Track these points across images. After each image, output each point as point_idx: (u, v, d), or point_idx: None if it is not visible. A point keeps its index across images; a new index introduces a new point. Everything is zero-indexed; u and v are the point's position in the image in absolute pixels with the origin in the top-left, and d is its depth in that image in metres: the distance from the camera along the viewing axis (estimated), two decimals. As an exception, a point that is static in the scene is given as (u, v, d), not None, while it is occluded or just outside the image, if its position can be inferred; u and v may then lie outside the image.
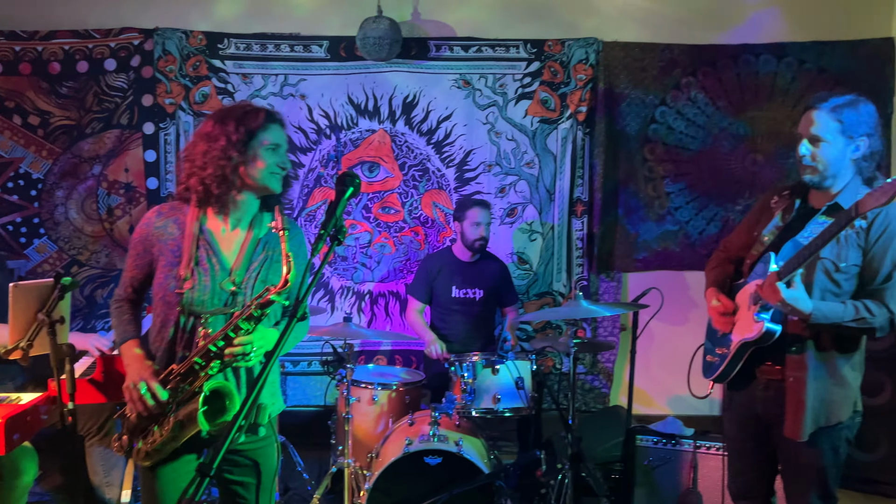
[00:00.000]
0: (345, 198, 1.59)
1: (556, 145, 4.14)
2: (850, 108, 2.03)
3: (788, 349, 2.13)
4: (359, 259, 4.16)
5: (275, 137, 1.88)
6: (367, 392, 3.24)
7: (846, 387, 2.13)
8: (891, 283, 2.03)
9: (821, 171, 2.07)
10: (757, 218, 2.34)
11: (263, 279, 1.88)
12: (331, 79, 4.06)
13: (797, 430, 2.12)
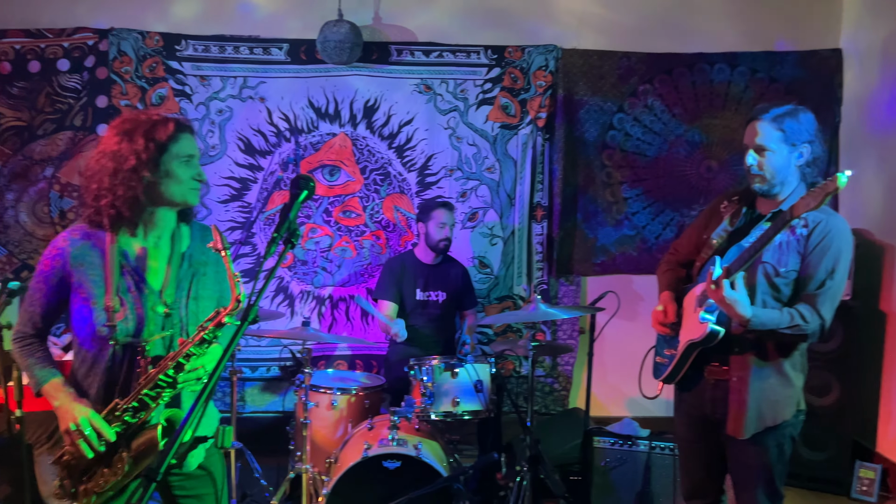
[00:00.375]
0: (299, 201, 1.58)
1: (516, 151, 4.18)
2: (791, 117, 2.12)
3: (733, 350, 2.19)
4: (319, 263, 4.14)
5: (187, 148, 1.78)
6: (326, 397, 3.23)
7: (789, 387, 2.20)
8: (823, 290, 2.10)
9: (768, 178, 2.15)
10: (706, 222, 2.40)
11: (195, 296, 1.81)
12: (291, 82, 4.04)
13: (739, 428, 2.19)
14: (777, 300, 2.16)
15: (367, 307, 3.80)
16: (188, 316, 1.79)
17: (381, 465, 2.84)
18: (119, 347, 1.73)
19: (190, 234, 1.87)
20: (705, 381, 2.29)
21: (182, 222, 1.86)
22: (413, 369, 3.12)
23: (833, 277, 2.10)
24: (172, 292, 1.79)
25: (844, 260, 2.12)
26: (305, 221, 4.12)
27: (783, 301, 2.15)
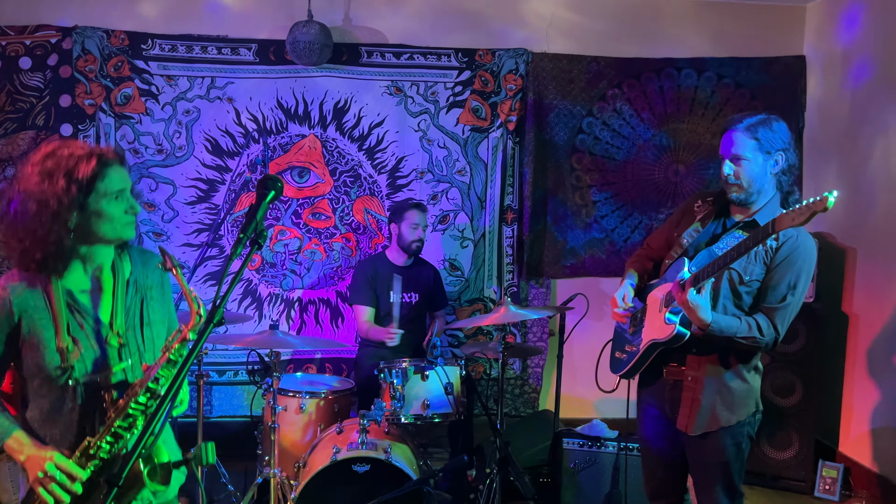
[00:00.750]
0: (266, 201, 1.56)
1: (487, 154, 4.19)
2: (764, 126, 2.14)
3: (691, 351, 2.23)
4: (288, 266, 4.10)
5: (116, 183, 1.65)
6: (295, 401, 3.19)
7: (746, 388, 2.24)
8: (783, 305, 2.14)
9: (745, 187, 2.16)
10: (678, 219, 2.42)
11: (147, 322, 1.75)
12: (259, 82, 4.00)
13: (689, 424, 2.23)
14: (737, 307, 2.19)
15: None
16: (144, 342, 1.74)
17: (351, 468, 2.81)
18: (80, 387, 1.66)
19: (130, 259, 1.79)
20: (664, 381, 2.32)
21: (120, 249, 1.78)
22: (383, 372, 3.10)
23: (794, 293, 2.13)
24: (123, 321, 1.72)
25: (806, 277, 2.15)
26: (274, 224, 4.08)
27: (743, 309, 2.19)
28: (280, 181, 1.61)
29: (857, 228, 3.82)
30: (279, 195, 1.59)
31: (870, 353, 3.71)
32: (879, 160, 3.64)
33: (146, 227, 3.98)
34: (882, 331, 3.62)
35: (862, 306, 3.77)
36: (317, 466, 2.81)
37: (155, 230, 3.99)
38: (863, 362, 3.76)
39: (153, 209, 4.01)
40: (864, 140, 3.76)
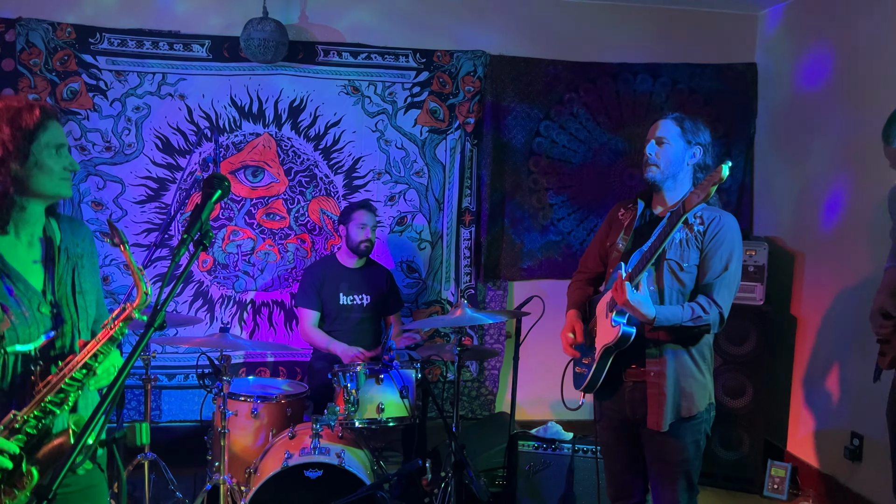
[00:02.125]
0: (212, 200, 1.51)
1: (445, 155, 4.17)
2: (690, 120, 2.33)
3: (647, 349, 2.29)
4: (241, 267, 4.02)
5: (57, 137, 1.66)
6: (246, 405, 3.13)
7: (701, 379, 2.32)
8: (718, 280, 2.24)
9: (662, 168, 2.30)
10: (606, 232, 2.53)
11: (79, 290, 1.71)
12: (212, 79, 3.91)
13: (660, 420, 2.28)
14: (682, 294, 2.28)
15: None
16: (77, 312, 1.69)
17: (303, 474, 2.76)
18: (9, 357, 1.60)
19: (59, 226, 1.76)
20: (624, 384, 2.36)
21: (50, 214, 1.75)
22: (336, 376, 3.05)
23: (728, 268, 2.25)
24: (56, 289, 1.68)
25: (737, 252, 2.28)
26: (227, 224, 3.99)
27: (688, 294, 2.29)
28: (227, 180, 1.56)
29: (805, 233, 3.91)
30: (226, 195, 1.55)
31: (816, 355, 3.80)
32: (827, 167, 3.73)
33: (94, 227, 3.85)
34: (827, 333, 3.71)
35: (809, 309, 3.86)
36: (268, 472, 2.75)
37: (102, 230, 3.86)
38: (809, 364, 3.85)
39: (101, 208, 3.89)
40: (812, 147, 3.85)
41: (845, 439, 3.49)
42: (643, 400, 2.31)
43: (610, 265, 2.44)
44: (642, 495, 2.51)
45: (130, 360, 1.34)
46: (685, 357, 2.29)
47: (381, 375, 3.00)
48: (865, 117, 3.42)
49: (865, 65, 3.45)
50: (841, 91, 3.63)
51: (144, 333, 1.38)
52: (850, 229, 3.53)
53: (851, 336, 3.48)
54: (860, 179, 3.47)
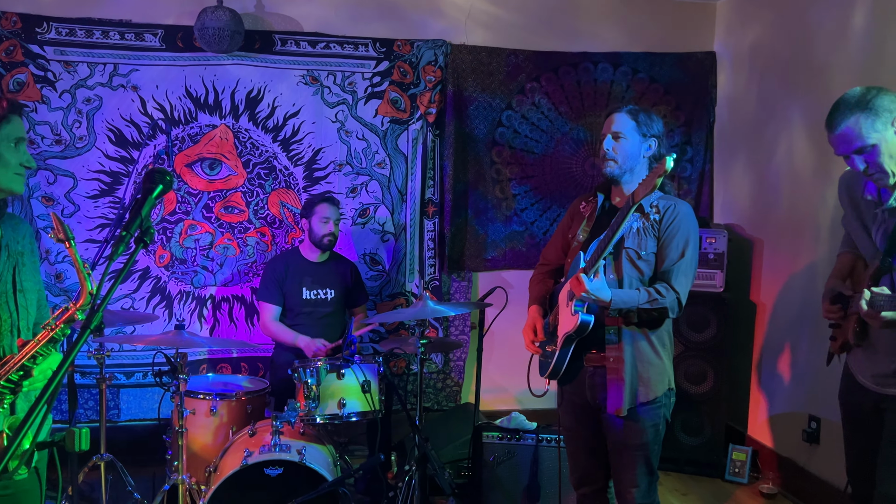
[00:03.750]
0: (152, 196, 1.46)
1: (407, 146, 4.13)
2: (643, 112, 2.37)
3: (608, 335, 2.34)
4: (199, 262, 3.94)
5: (18, 131, 1.65)
6: (205, 403, 3.07)
7: (659, 364, 2.36)
8: (675, 267, 2.29)
9: (619, 162, 2.35)
10: (568, 224, 2.57)
11: (20, 288, 1.67)
12: (166, 70, 3.81)
13: (618, 405, 2.32)
14: (642, 283, 2.33)
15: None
16: (18, 311, 1.63)
17: (263, 472, 2.72)
18: None
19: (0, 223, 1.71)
20: (584, 369, 2.41)
21: None
22: (297, 372, 3.01)
23: (684, 255, 2.30)
24: None
25: (693, 239, 2.32)
26: (184, 218, 3.90)
27: (647, 282, 2.33)
28: (169, 174, 1.51)
29: (763, 220, 3.96)
30: (168, 189, 1.50)
31: (775, 341, 3.86)
32: (784, 155, 3.78)
33: (44, 223, 3.75)
34: (785, 319, 3.77)
35: (768, 295, 3.92)
36: (227, 471, 2.70)
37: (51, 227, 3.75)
38: (768, 349, 3.91)
39: (52, 203, 3.77)
40: (770, 135, 3.89)
41: (803, 423, 3.55)
42: (603, 385, 2.35)
43: (570, 255, 2.49)
44: (605, 481, 2.55)
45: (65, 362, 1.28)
46: (643, 343, 2.33)
47: (342, 370, 2.97)
48: (821, 104, 3.45)
49: (821, 52, 3.49)
50: (798, 78, 3.67)
51: (80, 336, 1.32)
52: (806, 216, 3.58)
53: (808, 321, 3.53)
54: (817, 166, 3.52)
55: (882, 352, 2.24)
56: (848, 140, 2.11)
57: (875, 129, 2.06)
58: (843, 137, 2.11)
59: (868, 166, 2.12)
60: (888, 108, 2.07)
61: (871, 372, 2.28)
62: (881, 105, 2.07)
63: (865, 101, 2.08)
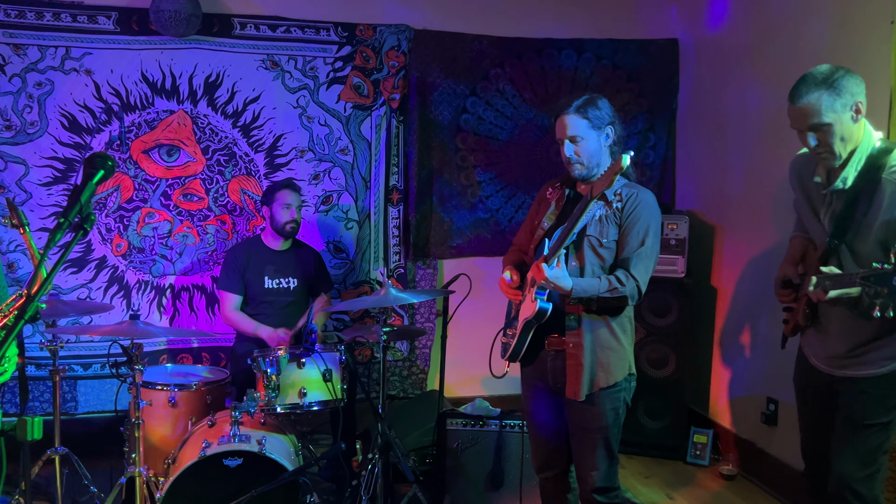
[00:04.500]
0: (93, 182, 1.41)
1: (370, 132, 4.08)
2: (591, 105, 2.34)
3: (568, 321, 2.35)
4: (157, 250, 3.86)
5: None
6: (163, 394, 3.01)
7: (620, 349, 2.37)
8: (635, 255, 2.31)
9: (586, 164, 2.35)
10: (536, 210, 2.58)
11: None
12: (121, 54, 3.71)
13: (577, 390, 2.34)
14: (603, 270, 2.34)
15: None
16: None
17: (223, 463, 2.68)
18: None
19: None
20: (545, 352, 2.43)
21: None
22: (256, 361, 2.97)
23: (644, 243, 2.31)
24: None
25: (654, 227, 2.33)
26: (141, 206, 3.82)
27: (608, 269, 2.35)
28: (111, 159, 1.46)
29: (724, 206, 4.00)
30: (109, 175, 1.45)
31: (734, 325, 3.91)
32: (744, 142, 3.81)
33: (-6, 211, 3.63)
34: (744, 303, 3.82)
35: (728, 280, 3.97)
36: (185, 462, 2.66)
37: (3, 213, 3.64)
38: (728, 333, 3.96)
39: (2, 191, 3.65)
40: (730, 122, 3.93)
41: (762, 405, 3.61)
42: (563, 369, 2.37)
43: (533, 242, 2.50)
44: (566, 465, 2.57)
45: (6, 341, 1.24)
46: (603, 329, 2.34)
47: (302, 359, 2.93)
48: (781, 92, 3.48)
49: (782, 39, 3.52)
50: (758, 66, 3.70)
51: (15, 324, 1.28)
52: (765, 201, 3.63)
53: (766, 305, 3.59)
54: (776, 153, 3.55)
55: (833, 334, 2.28)
56: (806, 115, 2.12)
57: (834, 109, 2.08)
58: (802, 111, 2.13)
59: (818, 144, 2.14)
60: (851, 90, 2.08)
61: (823, 354, 2.33)
62: (845, 87, 2.08)
63: (831, 80, 2.08)
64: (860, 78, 2.12)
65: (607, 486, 2.43)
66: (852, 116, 2.10)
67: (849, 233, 2.17)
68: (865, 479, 2.23)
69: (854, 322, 2.18)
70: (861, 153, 2.13)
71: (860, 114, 2.11)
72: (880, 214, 2.09)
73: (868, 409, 2.22)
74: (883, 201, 2.08)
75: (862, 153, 2.13)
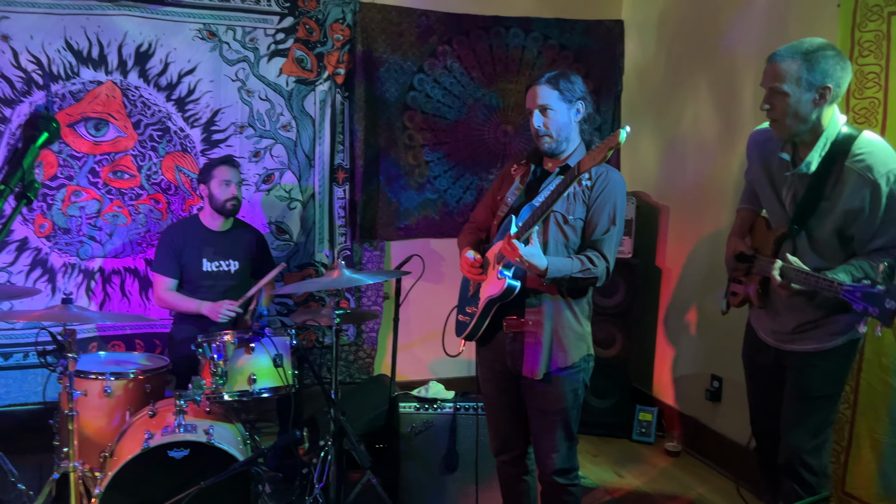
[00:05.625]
0: (36, 145, 1.26)
1: (314, 108, 3.93)
2: (563, 78, 2.30)
3: (528, 300, 2.32)
4: (85, 231, 3.60)
5: None
6: (98, 384, 2.82)
7: (578, 329, 2.35)
8: (606, 236, 2.29)
9: (555, 136, 2.30)
10: (499, 185, 2.52)
11: None
12: (42, 19, 3.42)
13: (535, 368, 2.31)
14: (566, 247, 2.31)
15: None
16: None
17: (167, 454, 2.53)
18: None
19: None
20: (503, 334, 2.38)
21: None
22: (201, 347, 2.80)
23: (615, 223, 2.30)
24: None
25: (621, 208, 2.32)
26: (67, 183, 3.55)
27: (572, 247, 2.31)
28: (55, 121, 1.31)
29: (669, 187, 4.06)
30: (54, 139, 1.30)
31: (678, 305, 3.99)
32: (690, 122, 3.87)
33: None
34: (688, 283, 3.90)
35: (673, 261, 4.03)
36: (126, 456, 2.49)
37: None
38: (672, 313, 4.04)
39: None
40: (676, 103, 3.97)
41: (706, 382, 3.69)
42: (521, 351, 2.34)
43: (497, 218, 2.44)
44: (524, 447, 2.55)
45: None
46: (563, 307, 2.32)
47: (251, 344, 2.79)
48: (726, 73, 3.56)
49: (727, 20, 3.57)
50: (703, 47, 3.75)
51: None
52: (711, 183, 3.69)
53: (709, 284, 3.66)
54: (722, 134, 3.62)
55: (782, 310, 2.32)
56: (770, 75, 2.13)
57: (798, 82, 2.07)
58: (769, 70, 2.13)
59: (772, 108, 2.15)
60: (826, 72, 2.06)
61: (771, 329, 2.37)
62: (821, 66, 2.06)
63: (812, 54, 2.07)
64: (847, 65, 2.09)
65: (567, 467, 2.42)
66: (814, 99, 2.08)
67: (810, 219, 2.19)
68: (814, 450, 2.30)
69: (802, 301, 2.22)
70: (826, 138, 2.14)
71: (825, 99, 2.08)
72: (840, 203, 2.11)
73: (816, 381, 2.28)
74: (844, 190, 2.10)
75: (827, 138, 2.14)
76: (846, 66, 2.10)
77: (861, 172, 2.07)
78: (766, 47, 2.22)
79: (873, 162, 2.07)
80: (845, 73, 2.10)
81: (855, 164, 2.09)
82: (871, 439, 2.78)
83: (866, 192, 2.07)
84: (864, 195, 2.07)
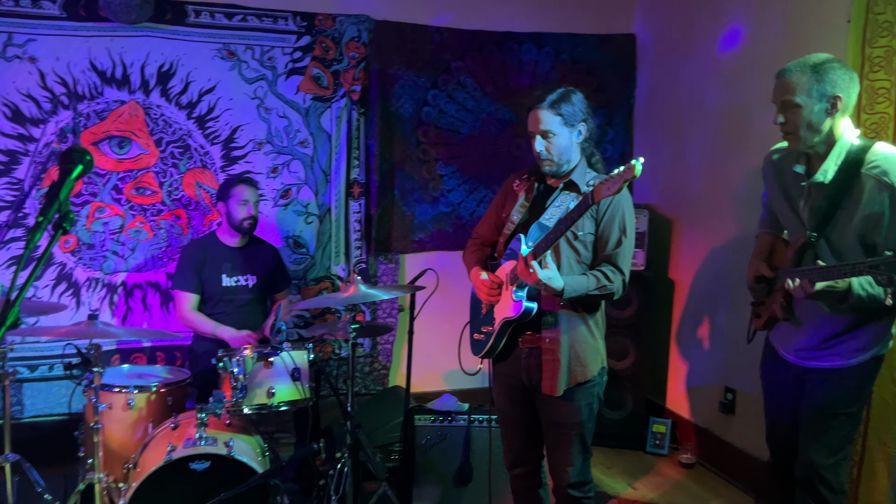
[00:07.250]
0: (71, 178, 1.33)
1: (330, 124, 4.01)
2: (565, 101, 2.32)
3: (544, 317, 2.34)
4: (108, 247, 3.70)
5: None
6: (122, 396, 2.89)
7: (594, 344, 2.39)
8: (620, 249, 2.32)
9: (556, 161, 2.34)
10: (502, 202, 2.55)
11: None
12: (68, 41, 3.53)
13: (554, 385, 2.33)
14: (579, 263, 2.33)
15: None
16: None
17: (188, 467, 2.60)
18: None
19: None
20: (519, 349, 2.41)
21: None
22: (222, 362, 2.87)
23: (626, 235, 2.33)
24: None
25: (630, 219, 2.35)
26: (91, 200, 3.65)
27: (585, 263, 2.34)
28: (88, 154, 1.38)
29: (681, 200, 4.09)
30: (88, 170, 1.37)
31: (691, 316, 4.01)
32: (701, 137, 3.90)
33: (-71, 206, 3.42)
34: (700, 295, 3.92)
35: (685, 273, 4.06)
36: (149, 467, 2.56)
37: (-59, 209, 3.43)
38: (685, 325, 4.06)
39: (-62, 184, 3.44)
40: (687, 118, 4.01)
41: (719, 394, 3.71)
42: (538, 366, 2.36)
43: (503, 235, 2.47)
44: (538, 461, 2.58)
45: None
46: (579, 324, 2.34)
47: (269, 358, 2.86)
48: (737, 88, 3.59)
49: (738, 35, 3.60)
50: (715, 62, 3.78)
51: (-7, 333, 1.19)
52: (722, 195, 3.72)
53: (722, 295, 3.68)
54: (732, 149, 3.65)
55: (805, 326, 2.32)
56: (781, 89, 2.16)
57: (809, 93, 2.11)
58: (780, 85, 2.17)
59: (786, 122, 2.17)
60: (834, 82, 2.10)
61: (794, 346, 2.38)
62: (830, 77, 2.10)
63: (820, 66, 2.11)
64: (854, 76, 2.14)
65: (581, 480, 2.44)
66: (826, 109, 2.12)
67: (828, 227, 2.20)
68: (833, 467, 2.29)
69: (826, 315, 2.24)
70: (840, 148, 2.17)
71: (836, 109, 2.12)
72: (860, 209, 2.13)
73: (838, 398, 2.28)
74: (863, 196, 2.12)
75: (842, 148, 2.17)
76: (853, 77, 2.15)
77: (878, 178, 2.10)
78: (777, 63, 2.25)
79: (889, 168, 2.10)
80: (853, 84, 2.14)
81: (871, 170, 2.11)
82: (884, 454, 2.79)
83: (885, 197, 2.09)
84: (884, 199, 2.09)
